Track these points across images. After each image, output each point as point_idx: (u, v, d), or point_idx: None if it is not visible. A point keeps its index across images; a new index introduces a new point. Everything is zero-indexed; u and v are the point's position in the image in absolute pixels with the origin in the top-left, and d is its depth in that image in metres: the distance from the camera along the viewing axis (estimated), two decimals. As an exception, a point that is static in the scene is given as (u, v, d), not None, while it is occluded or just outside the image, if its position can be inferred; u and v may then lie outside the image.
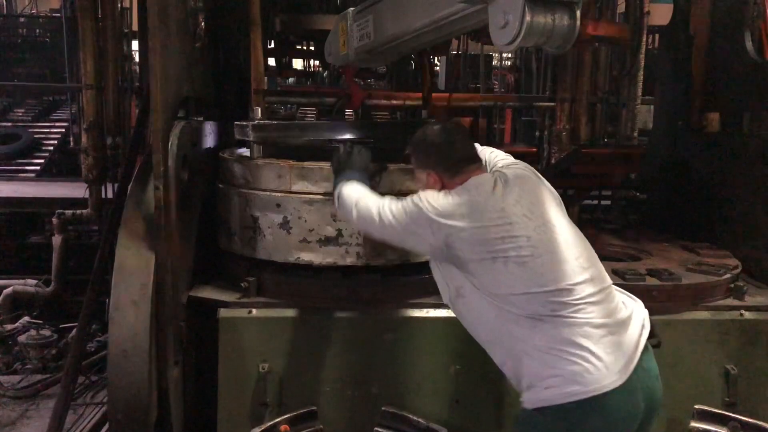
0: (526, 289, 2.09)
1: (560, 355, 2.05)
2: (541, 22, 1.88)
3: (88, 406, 4.54)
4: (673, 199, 4.30)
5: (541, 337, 2.08)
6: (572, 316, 2.07)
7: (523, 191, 2.26)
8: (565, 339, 2.05)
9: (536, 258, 2.11)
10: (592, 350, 2.04)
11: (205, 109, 3.21)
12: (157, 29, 2.62)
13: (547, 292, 2.09)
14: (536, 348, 2.08)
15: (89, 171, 5.49)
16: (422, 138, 2.43)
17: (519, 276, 2.10)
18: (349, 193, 2.46)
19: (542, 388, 2.07)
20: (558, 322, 2.07)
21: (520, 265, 2.10)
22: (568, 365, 2.04)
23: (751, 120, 3.48)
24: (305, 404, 2.84)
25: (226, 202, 3.05)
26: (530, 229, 2.15)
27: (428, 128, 2.47)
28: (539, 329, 2.08)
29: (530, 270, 2.10)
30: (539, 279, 2.10)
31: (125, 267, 2.75)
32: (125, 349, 2.68)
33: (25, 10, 14.57)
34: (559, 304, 2.08)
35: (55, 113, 11.53)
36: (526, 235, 2.13)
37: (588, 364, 2.03)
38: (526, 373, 2.12)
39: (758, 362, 3.00)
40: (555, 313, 2.07)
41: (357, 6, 2.96)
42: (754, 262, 3.38)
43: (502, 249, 2.11)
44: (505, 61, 13.34)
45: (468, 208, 2.17)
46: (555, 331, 2.07)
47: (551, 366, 2.06)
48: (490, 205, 2.18)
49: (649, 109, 5.92)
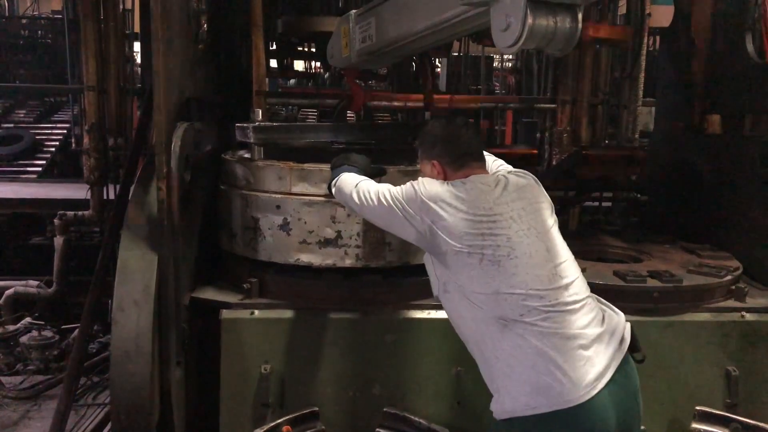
0: (496, 289, 2.09)
1: (527, 363, 2.04)
2: (543, 24, 1.89)
3: (90, 407, 4.55)
4: (674, 200, 4.30)
5: (510, 343, 2.07)
6: (540, 324, 2.05)
7: (520, 196, 2.27)
8: (533, 348, 2.04)
9: (510, 259, 2.11)
10: (558, 363, 2.01)
11: (207, 110, 3.22)
12: (160, 31, 2.63)
13: (516, 294, 2.08)
14: (505, 353, 2.08)
15: (91, 172, 5.50)
16: (430, 128, 2.47)
17: (491, 274, 2.10)
18: (349, 179, 2.51)
19: (508, 397, 2.07)
20: (527, 328, 2.06)
21: (494, 264, 2.11)
22: (534, 376, 2.03)
23: (752, 122, 3.48)
24: (307, 405, 2.84)
25: (228, 204, 3.06)
26: (513, 231, 2.16)
27: (437, 120, 2.52)
28: (507, 334, 2.07)
29: (502, 270, 2.10)
30: (510, 280, 2.09)
31: (128, 268, 2.75)
32: (127, 350, 2.69)
33: (27, 11, 14.58)
34: (527, 309, 2.06)
35: (56, 114, 11.52)
36: (506, 235, 2.14)
37: (553, 377, 2.01)
38: (495, 376, 2.13)
39: (759, 364, 3.00)
40: (523, 318, 2.06)
41: (359, 8, 2.96)
42: (755, 263, 3.38)
43: (479, 245, 2.12)
44: (506, 62, 13.34)
45: (459, 199, 2.19)
46: (523, 339, 2.05)
47: (518, 374, 2.06)
48: (482, 200, 2.20)
49: (651, 110, 5.93)
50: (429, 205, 2.20)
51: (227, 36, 3.65)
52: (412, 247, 2.88)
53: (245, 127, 3.01)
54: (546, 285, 2.11)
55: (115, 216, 3.78)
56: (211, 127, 3.26)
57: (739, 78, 3.62)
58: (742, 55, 3.55)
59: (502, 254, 2.12)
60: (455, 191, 2.22)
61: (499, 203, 2.21)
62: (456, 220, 2.16)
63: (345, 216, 2.82)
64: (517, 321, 2.07)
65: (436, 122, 2.51)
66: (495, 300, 2.09)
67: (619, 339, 2.16)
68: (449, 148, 2.38)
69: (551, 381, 2.01)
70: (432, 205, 2.20)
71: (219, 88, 3.48)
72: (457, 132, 2.41)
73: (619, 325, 2.20)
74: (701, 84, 3.95)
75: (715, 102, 3.83)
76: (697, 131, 3.91)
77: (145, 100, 4.29)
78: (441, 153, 2.38)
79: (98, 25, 5.23)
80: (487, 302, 2.11)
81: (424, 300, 2.93)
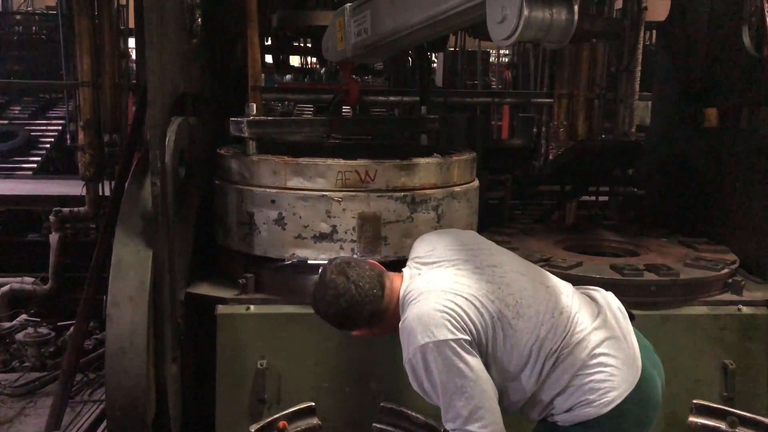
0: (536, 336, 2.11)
1: (589, 372, 2.09)
2: (539, 16, 1.88)
3: (85, 403, 4.53)
4: (671, 194, 4.30)
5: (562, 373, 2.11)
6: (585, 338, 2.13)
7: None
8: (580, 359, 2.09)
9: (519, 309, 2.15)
10: (609, 354, 2.10)
11: (202, 105, 3.20)
12: (154, 24, 2.61)
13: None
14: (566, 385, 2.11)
15: (86, 168, 5.50)
16: (325, 311, 2.20)
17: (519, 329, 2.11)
18: None
19: (580, 407, 2.09)
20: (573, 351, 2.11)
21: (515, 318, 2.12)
22: (596, 376, 2.08)
23: (748, 115, 3.48)
24: (303, 400, 2.84)
25: (223, 198, 3.04)
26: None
27: (321, 300, 2.20)
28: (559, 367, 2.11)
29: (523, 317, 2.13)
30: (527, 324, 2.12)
31: (123, 264, 2.74)
32: (123, 346, 2.67)
33: (21, 7, 14.53)
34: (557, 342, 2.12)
35: (51, 111, 11.50)
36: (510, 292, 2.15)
37: (608, 368, 2.08)
38: (557, 409, 2.14)
39: (756, 357, 3.00)
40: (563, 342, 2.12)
41: (354, 1, 2.95)
42: (751, 257, 3.38)
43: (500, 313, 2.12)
44: (503, 57, 13.33)
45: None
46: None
47: (578, 387, 2.09)
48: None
49: (647, 105, 5.93)
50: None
51: (222, 31, 3.63)
52: (408, 241, 2.88)
53: (239, 122, 3.00)
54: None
55: (111, 212, 3.77)
56: (206, 122, 3.25)
57: (736, 71, 3.61)
58: (738, 48, 3.54)
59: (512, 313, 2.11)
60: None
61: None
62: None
63: (340, 210, 2.81)
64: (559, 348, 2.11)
65: (321, 303, 2.19)
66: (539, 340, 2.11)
67: (622, 314, 2.25)
68: (358, 317, 2.18)
69: (610, 373, 2.08)
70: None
71: (214, 83, 3.47)
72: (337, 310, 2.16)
73: (611, 300, 2.29)
74: (698, 77, 3.94)
75: (711, 95, 3.83)
76: (694, 125, 3.90)
77: (140, 95, 4.27)
78: (354, 326, 2.25)
79: (93, 21, 5.23)
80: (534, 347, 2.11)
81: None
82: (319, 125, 3.38)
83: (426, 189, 2.92)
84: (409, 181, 2.88)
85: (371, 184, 2.82)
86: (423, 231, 2.89)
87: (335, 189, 2.80)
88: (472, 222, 3.16)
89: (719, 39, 3.80)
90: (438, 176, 2.94)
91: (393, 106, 7.39)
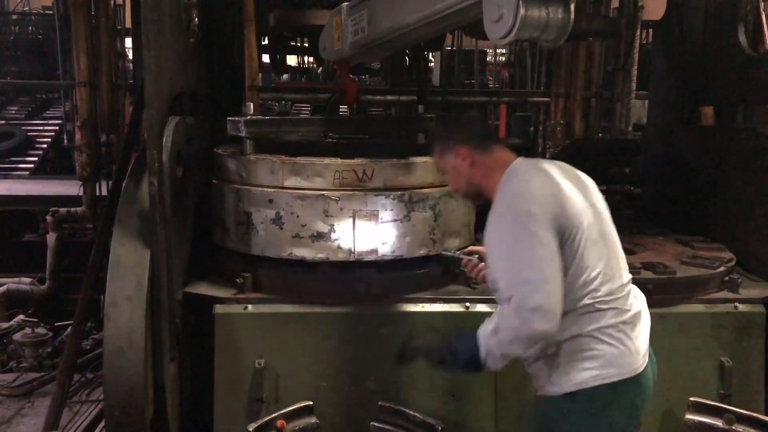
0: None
1: (601, 338, 2.08)
2: (536, 15, 1.88)
3: (83, 403, 4.54)
4: (668, 192, 4.31)
5: (586, 321, 2.10)
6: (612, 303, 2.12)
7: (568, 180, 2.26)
8: (609, 324, 2.09)
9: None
10: (628, 333, 2.11)
11: (199, 105, 3.20)
12: (150, 24, 2.61)
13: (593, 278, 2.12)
14: (582, 333, 2.10)
15: (83, 168, 5.50)
16: (443, 123, 2.41)
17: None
18: (487, 354, 2.13)
19: (577, 370, 2.08)
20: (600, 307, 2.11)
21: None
22: (608, 348, 2.08)
23: (744, 113, 3.49)
24: (302, 399, 2.83)
25: (221, 198, 3.04)
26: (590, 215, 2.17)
27: (444, 116, 2.47)
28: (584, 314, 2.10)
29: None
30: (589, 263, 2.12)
31: (120, 264, 2.74)
32: (121, 346, 2.67)
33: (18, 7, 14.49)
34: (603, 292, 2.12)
35: (48, 111, 11.48)
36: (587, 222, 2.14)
37: (624, 347, 2.09)
38: (562, 361, 2.11)
39: (752, 354, 3.01)
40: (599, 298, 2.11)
41: (351, 0, 2.95)
42: (748, 254, 3.39)
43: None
44: (500, 57, 13.35)
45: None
46: (598, 316, 2.10)
47: (591, 348, 2.08)
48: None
49: (644, 103, 5.95)
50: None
51: (219, 30, 3.63)
52: (406, 240, 2.88)
53: (237, 121, 3.00)
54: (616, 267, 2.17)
55: (108, 212, 3.77)
56: (203, 121, 3.25)
57: (732, 70, 3.62)
58: (734, 46, 3.55)
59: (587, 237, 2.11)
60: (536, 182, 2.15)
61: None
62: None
63: (338, 210, 2.81)
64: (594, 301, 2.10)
65: (446, 115, 2.47)
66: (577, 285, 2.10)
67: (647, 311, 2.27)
68: (470, 132, 2.31)
69: (622, 351, 2.09)
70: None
71: (211, 82, 3.47)
72: (470, 119, 2.39)
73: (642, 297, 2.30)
74: (694, 76, 3.96)
75: (707, 94, 3.84)
76: (690, 123, 3.91)
77: (137, 95, 4.28)
78: (464, 138, 2.29)
79: (89, 21, 5.22)
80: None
81: (418, 293, 2.93)
82: (316, 124, 3.38)
83: (423, 188, 2.92)
84: (407, 180, 2.88)
85: (369, 184, 2.82)
86: (420, 230, 2.91)
87: (333, 188, 2.81)
88: (470, 221, 3.17)
89: (715, 37, 3.81)
90: (435, 175, 2.95)
91: (390, 105, 7.41)
